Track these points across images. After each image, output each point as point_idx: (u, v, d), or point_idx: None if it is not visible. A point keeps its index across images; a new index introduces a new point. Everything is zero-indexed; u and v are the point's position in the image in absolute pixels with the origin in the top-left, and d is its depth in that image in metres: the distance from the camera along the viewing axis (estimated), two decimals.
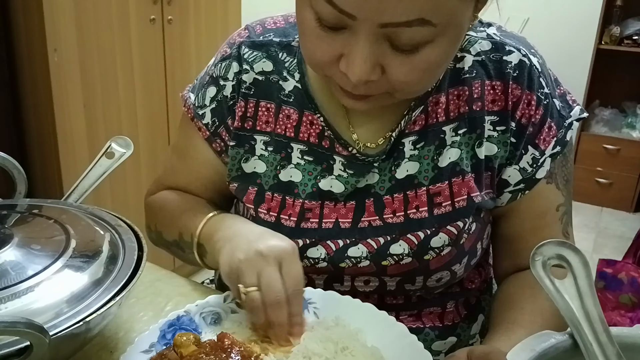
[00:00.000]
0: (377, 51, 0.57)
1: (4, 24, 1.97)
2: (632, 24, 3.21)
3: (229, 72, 0.78)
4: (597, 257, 2.05)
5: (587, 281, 0.46)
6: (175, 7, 2.20)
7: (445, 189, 0.72)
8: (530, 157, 0.73)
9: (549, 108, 0.72)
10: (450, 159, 0.72)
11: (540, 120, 0.72)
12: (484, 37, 0.73)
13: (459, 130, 0.72)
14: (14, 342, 0.45)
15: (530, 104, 0.71)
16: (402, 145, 0.73)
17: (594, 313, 0.46)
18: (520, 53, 0.72)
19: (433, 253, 0.72)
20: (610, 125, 3.42)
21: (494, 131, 0.72)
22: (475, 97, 0.71)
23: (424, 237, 0.71)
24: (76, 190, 0.74)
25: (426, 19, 0.53)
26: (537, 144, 0.73)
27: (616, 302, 1.90)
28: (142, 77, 2.16)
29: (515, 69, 0.71)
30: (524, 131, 0.72)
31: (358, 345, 0.59)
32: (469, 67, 0.72)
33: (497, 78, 0.72)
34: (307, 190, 0.75)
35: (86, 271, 0.55)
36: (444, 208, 0.72)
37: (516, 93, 0.71)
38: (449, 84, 0.72)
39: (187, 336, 0.60)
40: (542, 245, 0.47)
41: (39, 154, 2.09)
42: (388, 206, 0.73)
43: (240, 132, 0.78)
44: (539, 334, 0.47)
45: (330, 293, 0.67)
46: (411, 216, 0.72)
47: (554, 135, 0.73)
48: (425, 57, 0.57)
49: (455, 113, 0.72)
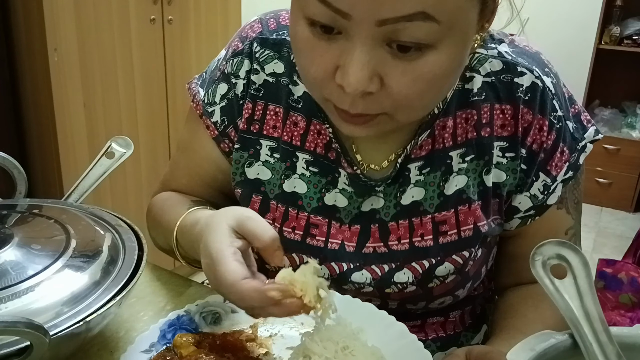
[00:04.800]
0: (375, 57, 0.52)
1: (4, 24, 1.97)
2: (632, 24, 3.21)
3: (240, 70, 0.74)
4: (597, 257, 2.05)
5: (587, 281, 0.46)
6: (175, 7, 2.20)
7: (451, 217, 0.69)
8: (541, 184, 0.70)
9: (562, 132, 0.69)
10: (456, 187, 0.69)
11: (553, 145, 0.69)
12: (494, 56, 0.69)
13: (467, 156, 0.69)
14: (14, 342, 0.45)
15: (542, 129, 0.68)
16: (408, 170, 0.70)
17: (593, 313, 0.46)
18: (533, 74, 0.68)
19: (437, 281, 0.71)
20: (610, 125, 3.42)
21: (503, 158, 0.69)
22: (484, 122, 0.68)
23: (428, 266, 0.70)
24: (76, 190, 0.74)
25: (429, 14, 0.49)
26: (548, 170, 0.70)
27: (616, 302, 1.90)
28: (142, 77, 2.16)
29: (527, 92, 0.68)
30: (536, 158, 0.69)
31: (358, 345, 0.59)
32: (478, 88, 0.69)
33: (507, 101, 0.68)
34: (312, 204, 0.72)
35: (86, 271, 0.55)
36: (449, 237, 0.70)
37: (527, 118, 0.68)
38: (457, 106, 0.69)
39: (186, 337, 0.60)
40: (542, 245, 0.47)
41: (39, 154, 2.09)
42: (393, 233, 0.71)
43: (246, 135, 0.75)
44: (539, 333, 0.47)
45: (330, 293, 0.67)
46: (416, 244, 0.70)
47: (566, 159, 0.70)
48: (428, 65, 0.53)
49: (462, 138, 0.69)
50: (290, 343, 0.61)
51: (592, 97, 3.45)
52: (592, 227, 3.13)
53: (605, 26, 3.25)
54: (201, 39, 2.35)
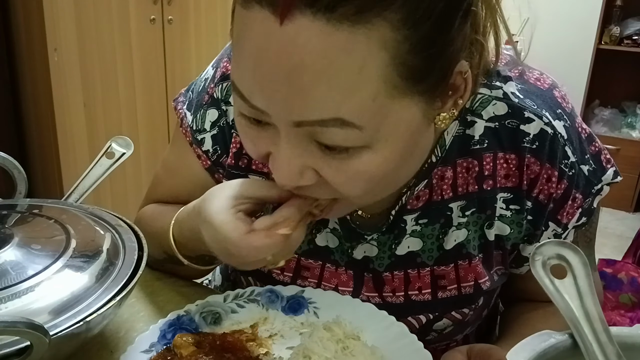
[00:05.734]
0: (303, 153, 0.48)
1: (4, 24, 1.98)
2: (632, 24, 3.21)
3: (230, 97, 0.69)
4: (597, 257, 2.05)
5: (587, 281, 0.46)
6: (175, 7, 2.20)
7: (450, 272, 0.66)
8: (551, 233, 0.65)
9: (574, 178, 0.63)
10: (455, 241, 0.65)
11: (563, 194, 0.63)
12: (499, 97, 0.62)
13: (467, 210, 0.64)
14: (14, 342, 0.45)
15: (551, 180, 0.62)
16: (404, 222, 0.65)
17: (593, 313, 0.46)
18: (542, 121, 0.61)
19: (435, 334, 0.69)
20: (610, 125, 3.42)
21: (507, 210, 0.64)
22: (487, 174, 0.63)
23: (426, 321, 0.67)
24: (76, 190, 0.74)
25: (345, 120, 0.45)
26: (559, 220, 0.65)
27: (616, 302, 1.90)
28: (142, 77, 2.17)
29: (534, 140, 0.61)
30: (544, 209, 0.64)
31: (358, 345, 0.59)
32: (480, 135, 0.62)
33: (511, 150, 0.62)
34: (302, 246, 0.68)
35: (86, 271, 0.55)
36: (448, 292, 0.66)
37: (534, 169, 0.62)
38: (457, 154, 0.63)
39: (186, 337, 0.60)
40: (542, 245, 0.47)
41: (39, 154, 2.09)
42: (387, 284, 0.68)
43: (234, 170, 0.71)
44: (539, 333, 0.47)
45: (330, 292, 0.67)
46: (413, 297, 0.67)
47: (579, 205, 0.65)
48: (362, 165, 0.48)
49: (463, 189, 0.64)
50: (290, 343, 0.61)
51: (592, 97, 3.45)
52: None
53: (605, 26, 3.25)
54: (201, 39, 2.35)
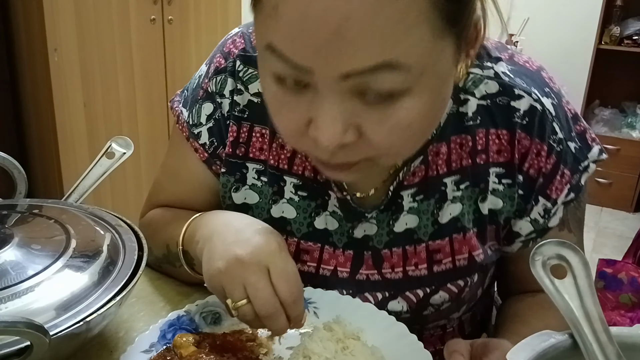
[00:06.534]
0: (347, 109, 0.49)
1: (4, 24, 1.98)
2: (632, 24, 3.21)
3: (225, 89, 0.71)
4: (597, 257, 2.05)
5: (587, 281, 0.46)
6: (175, 7, 2.20)
7: (445, 245, 0.68)
8: (541, 208, 0.68)
9: (562, 154, 0.67)
10: (451, 215, 0.67)
11: (552, 169, 0.66)
12: (490, 77, 0.65)
13: (461, 184, 0.67)
14: (14, 342, 0.45)
15: (540, 154, 0.66)
16: (401, 198, 0.68)
17: (593, 313, 0.46)
18: (532, 97, 0.65)
19: (432, 309, 0.70)
20: (610, 125, 3.42)
21: (500, 184, 0.67)
22: (480, 148, 0.66)
23: (423, 295, 0.69)
24: (76, 190, 0.74)
25: (394, 63, 0.46)
26: (548, 194, 0.67)
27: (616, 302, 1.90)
28: (142, 77, 2.17)
29: (525, 116, 0.65)
30: (534, 183, 0.67)
31: (358, 345, 0.59)
32: (473, 112, 0.66)
33: (503, 126, 0.65)
34: (302, 229, 0.70)
35: (86, 271, 0.55)
36: (444, 265, 0.68)
37: (525, 143, 0.65)
38: (451, 131, 0.66)
39: (186, 337, 0.60)
40: (542, 245, 0.47)
41: (39, 154, 2.09)
42: (386, 260, 0.69)
43: (232, 159, 0.72)
44: (539, 333, 0.47)
45: (330, 292, 0.67)
46: (410, 273, 0.69)
47: (567, 181, 0.67)
48: (404, 112, 0.49)
49: (457, 164, 0.67)
50: (290, 343, 0.61)
51: (592, 97, 3.45)
52: (592, 227, 3.13)
53: (605, 26, 3.25)
54: (201, 39, 2.35)
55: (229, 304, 0.56)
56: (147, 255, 0.61)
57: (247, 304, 0.55)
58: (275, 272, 0.55)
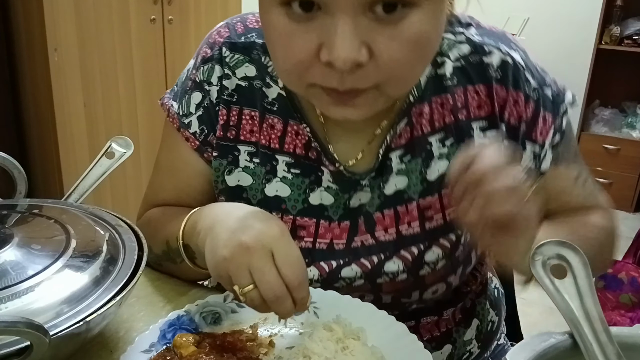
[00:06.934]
0: (360, 26, 0.52)
1: (4, 24, 1.98)
2: (632, 24, 3.21)
3: (212, 76, 0.74)
4: None
5: (587, 281, 0.46)
6: (175, 7, 2.20)
7: (435, 202, 0.70)
8: (530, 153, 0.70)
9: (540, 101, 0.69)
10: (439, 171, 0.69)
11: (533, 115, 0.69)
12: (462, 41, 0.70)
13: (446, 141, 0.69)
14: (14, 342, 0.45)
15: (518, 103, 0.69)
16: (390, 160, 0.70)
17: (593, 313, 0.46)
18: (501, 52, 0.69)
19: (428, 268, 0.71)
20: (610, 125, 3.41)
21: (485, 137, 0.69)
22: (460, 105, 0.69)
23: (417, 252, 0.70)
24: (76, 190, 0.74)
25: None
26: (534, 138, 0.69)
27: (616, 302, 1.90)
28: (142, 77, 2.17)
29: (498, 69, 0.69)
30: (517, 131, 0.69)
31: (358, 345, 0.59)
32: (450, 73, 0.69)
33: (479, 82, 0.69)
34: (297, 206, 0.72)
35: (86, 271, 0.55)
36: (435, 222, 0.70)
37: (502, 95, 0.69)
38: (432, 92, 0.69)
39: (186, 337, 0.60)
40: (542, 245, 0.47)
41: (39, 154, 2.09)
42: (379, 223, 0.71)
43: (223, 142, 0.74)
44: (539, 334, 0.47)
45: (330, 292, 0.67)
46: (403, 232, 0.70)
47: (551, 124, 0.69)
48: (414, 25, 0.53)
49: (440, 123, 0.69)
50: (290, 343, 0.61)
51: (592, 97, 3.45)
52: None
53: (605, 26, 3.24)
54: (201, 39, 2.35)
55: (237, 290, 0.56)
56: (147, 254, 0.61)
57: (254, 289, 0.55)
58: (280, 255, 0.56)
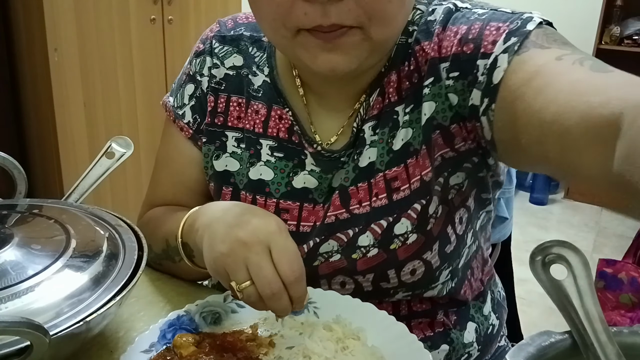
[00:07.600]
0: None
1: (4, 24, 1.98)
2: (632, 24, 3.21)
3: (204, 68, 0.77)
4: (597, 257, 2.06)
5: (587, 281, 0.46)
6: (175, 7, 2.20)
7: (401, 172, 0.69)
8: (484, 68, 0.61)
9: (487, 18, 0.63)
10: (403, 140, 0.68)
11: (477, 34, 0.62)
12: (431, 12, 0.69)
13: (407, 108, 0.68)
14: (14, 342, 0.45)
15: (458, 33, 0.64)
16: (363, 132, 0.70)
17: (593, 313, 0.46)
18: (442, 5, 0.68)
19: (398, 242, 0.69)
20: None
21: (427, 87, 0.66)
22: (413, 68, 0.68)
23: (386, 225, 0.69)
24: (76, 190, 0.74)
25: None
26: (483, 52, 0.61)
27: (616, 302, 1.90)
28: (142, 77, 2.17)
29: (439, 21, 0.66)
30: (459, 56, 0.63)
31: (358, 345, 0.59)
32: (412, 41, 0.69)
33: (425, 39, 0.67)
34: (280, 189, 0.73)
35: (86, 271, 0.55)
36: (402, 192, 0.69)
37: (440, 37, 0.66)
38: (400, 61, 0.69)
39: (186, 337, 0.60)
40: (542, 245, 0.47)
41: (39, 154, 2.09)
42: (353, 197, 0.70)
43: (211, 127, 0.77)
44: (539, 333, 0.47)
45: (330, 292, 0.67)
46: (374, 205, 0.70)
47: (503, 30, 0.61)
48: None
49: (405, 92, 0.68)
50: (290, 343, 0.61)
51: None
52: (592, 227, 3.13)
53: (605, 26, 3.24)
54: None
55: (234, 286, 0.56)
56: (147, 253, 0.61)
57: (251, 285, 0.56)
58: (277, 251, 0.56)
